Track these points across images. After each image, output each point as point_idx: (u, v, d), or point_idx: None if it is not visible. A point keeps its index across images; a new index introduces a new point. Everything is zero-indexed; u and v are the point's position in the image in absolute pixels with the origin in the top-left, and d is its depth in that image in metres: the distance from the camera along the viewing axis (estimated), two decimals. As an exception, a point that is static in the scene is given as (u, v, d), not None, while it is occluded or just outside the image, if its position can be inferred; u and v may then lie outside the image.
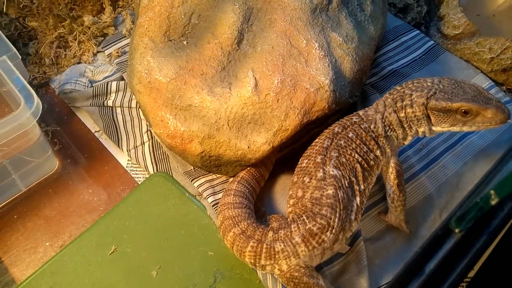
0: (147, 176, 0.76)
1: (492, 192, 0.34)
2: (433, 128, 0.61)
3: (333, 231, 0.55)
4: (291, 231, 0.56)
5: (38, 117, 0.64)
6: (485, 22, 0.93)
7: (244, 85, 0.62)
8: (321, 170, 0.58)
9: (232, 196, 0.64)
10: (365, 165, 0.60)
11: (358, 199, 0.58)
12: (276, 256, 0.56)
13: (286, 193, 0.71)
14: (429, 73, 0.87)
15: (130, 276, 0.64)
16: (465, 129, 0.60)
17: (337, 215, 0.56)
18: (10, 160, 0.69)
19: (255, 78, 0.62)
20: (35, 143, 0.69)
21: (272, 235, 0.57)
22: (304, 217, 0.57)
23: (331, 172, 0.58)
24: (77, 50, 0.88)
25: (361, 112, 0.64)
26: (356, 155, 0.59)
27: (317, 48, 0.63)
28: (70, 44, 0.89)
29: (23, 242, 0.70)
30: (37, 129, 0.68)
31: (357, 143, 0.60)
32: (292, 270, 0.55)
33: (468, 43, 0.88)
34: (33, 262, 0.68)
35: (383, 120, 0.61)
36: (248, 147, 0.63)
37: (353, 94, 0.67)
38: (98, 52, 0.91)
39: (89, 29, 0.90)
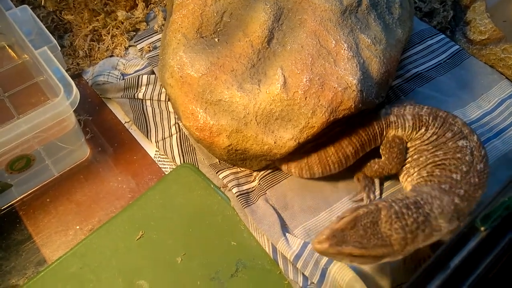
0: (174, 167, 0.78)
1: (519, 191, 0.36)
2: None
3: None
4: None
5: (76, 106, 0.67)
6: (511, 28, 0.92)
7: (273, 82, 0.64)
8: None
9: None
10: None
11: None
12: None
13: (305, 192, 0.72)
14: (453, 77, 0.88)
15: (156, 261, 0.67)
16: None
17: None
18: (44, 147, 0.72)
19: (284, 76, 0.64)
20: (70, 130, 0.72)
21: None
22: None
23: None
24: (110, 44, 0.92)
25: None
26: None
27: (346, 48, 0.65)
28: (104, 37, 0.92)
29: (55, 225, 0.73)
30: (73, 117, 0.71)
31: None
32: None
33: (493, 49, 0.88)
34: (63, 244, 0.71)
35: None
36: (275, 142, 0.65)
37: (379, 95, 0.69)
38: (130, 46, 0.93)
39: (122, 24, 0.93)
